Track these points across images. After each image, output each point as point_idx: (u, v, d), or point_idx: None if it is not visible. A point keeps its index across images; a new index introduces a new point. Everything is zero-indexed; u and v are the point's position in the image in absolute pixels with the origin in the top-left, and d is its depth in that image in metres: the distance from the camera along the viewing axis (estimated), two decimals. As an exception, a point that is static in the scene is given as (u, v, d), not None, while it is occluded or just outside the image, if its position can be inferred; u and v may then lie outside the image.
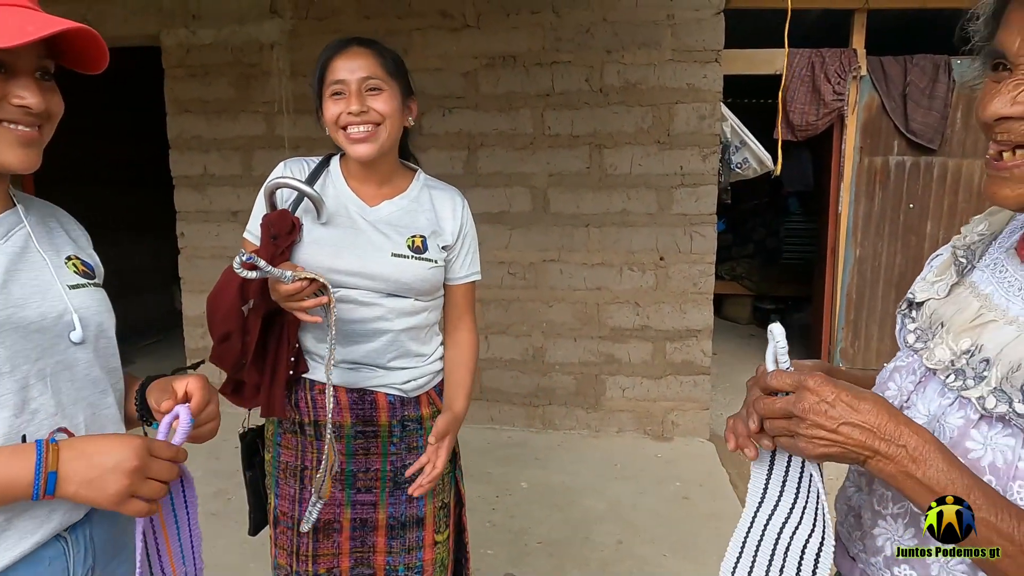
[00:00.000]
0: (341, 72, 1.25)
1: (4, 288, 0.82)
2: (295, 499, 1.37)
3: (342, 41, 1.30)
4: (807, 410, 0.66)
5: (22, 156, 0.82)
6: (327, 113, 1.28)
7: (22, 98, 0.80)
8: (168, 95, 3.63)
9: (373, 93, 1.26)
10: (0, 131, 0.80)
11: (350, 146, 1.28)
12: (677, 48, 3.24)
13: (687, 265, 3.39)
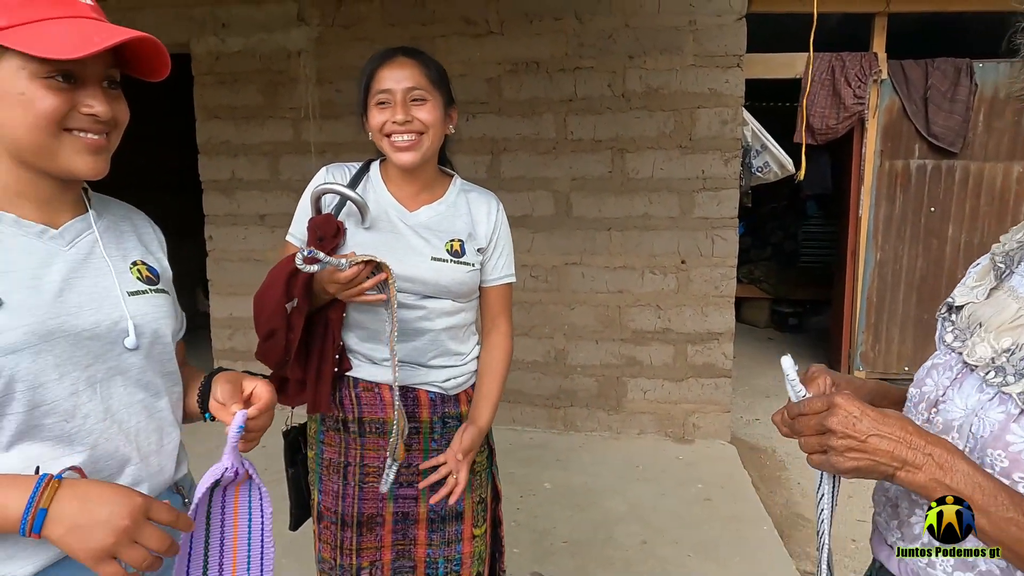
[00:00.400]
0: (387, 82, 1.30)
1: (60, 296, 0.83)
2: (339, 495, 1.42)
3: (388, 51, 1.34)
4: (836, 425, 0.71)
5: (91, 163, 0.85)
6: (372, 121, 1.32)
7: (91, 107, 0.82)
8: (197, 101, 3.71)
9: (417, 103, 1.31)
10: (70, 139, 0.83)
11: (394, 154, 1.32)
12: (699, 53, 3.27)
13: (708, 268, 3.42)
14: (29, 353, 0.78)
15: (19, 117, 0.79)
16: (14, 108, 0.78)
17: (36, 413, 0.80)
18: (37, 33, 0.77)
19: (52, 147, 0.81)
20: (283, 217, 3.71)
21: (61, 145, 0.82)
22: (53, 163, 0.83)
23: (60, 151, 0.82)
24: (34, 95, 0.78)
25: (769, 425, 3.95)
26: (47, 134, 0.80)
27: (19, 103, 0.78)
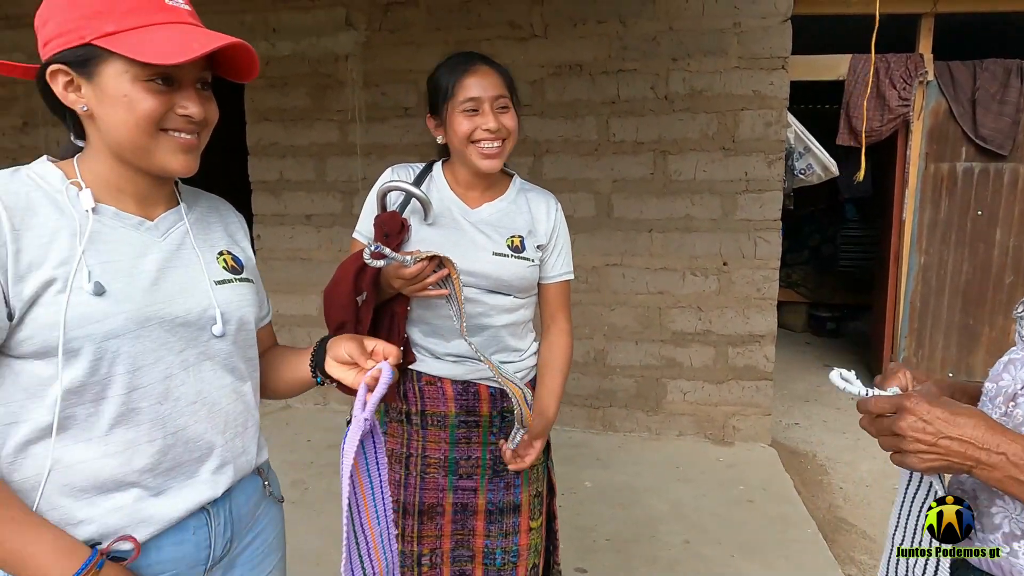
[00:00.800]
0: (474, 90, 1.34)
1: (155, 284, 0.88)
2: (400, 484, 1.47)
3: (466, 58, 1.38)
4: (905, 428, 0.72)
5: (184, 161, 0.89)
6: (459, 128, 1.35)
7: (186, 108, 0.86)
8: (248, 104, 3.82)
9: (503, 111, 1.36)
10: (166, 139, 0.86)
11: (480, 160, 1.37)
12: (743, 55, 3.27)
13: (751, 271, 3.41)
14: (129, 338, 0.83)
15: (121, 117, 0.83)
16: (117, 109, 0.83)
17: (134, 395, 0.85)
18: (141, 39, 0.81)
19: (150, 146, 0.85)
20: (328, 217, 3.81)
21: (158, 145, 0.86)
22: (149, 161, 0.87)
23: (157, 150, 0.86)
24: (136, 97, 0.82)
25: (809, 429, 3.94)
26: (146, 134, 0.84)
27: (122, 104, 0.82)
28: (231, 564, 1.01)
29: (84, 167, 0.89)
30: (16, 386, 0.81)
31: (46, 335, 0.78)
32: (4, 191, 0.80)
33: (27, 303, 0.78)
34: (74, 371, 0.80)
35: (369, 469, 0.99)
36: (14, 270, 0.78)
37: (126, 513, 0.85)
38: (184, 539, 0.92)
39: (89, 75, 0.82)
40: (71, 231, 0.82)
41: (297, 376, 1.09)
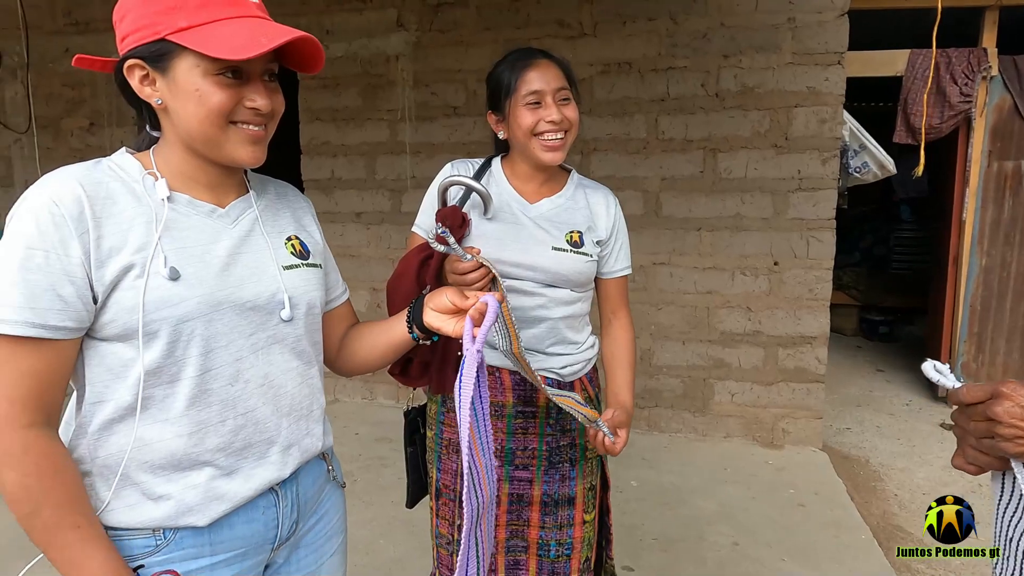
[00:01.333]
0: (537, 83, 1.35)
1: (226, 270, 0.90)
2: (457, 474, 1.49)
3: (525, 53, 1.40)
4: (1001, 413, 0.71)
5: (252, 152, 0.91)
6: (522, 121, 1.36)
7: (254, 101, 0.88)
8: (302, 104, 3.91)
9: (565, 103, 1.37)
10: (235, 131, 0.89)
11: (543, 153, 1.38)
12: (797, 51, 3.21)
13: (803, 271, 3.34)
14: (202, 321, 0.86)
15: (193, 110, 0.85)
16: (189, 103, 0.85)
17: (206, 377, 0.88)
18: (211, 34, 0.83)
19: (219, 138, 0.88)
20: (378, 215, 3.88)
21: (227, 137, 0.88)
22: (219, 152, 0.90)
23: (226, 142, 0.89)
24: (207, 91, 0.84)
25: (861, 434, 3.84)
26: (216, 127, 0.87)
27: (194, 98, 0.85)
28: (296, 544, 1.05)
29: (160, 158, 0.92)
30: (101, 367, 0.85)
31: (127, 318, 0.82)
32: (87, 181, 0.84)
33: (108, 287, 0.82)
34: (152, 353, 0.84)
35: (474, 404, 0.99)
36: (96, 256, 0.81)
37: (200, 491, 0.89)
38: (254, 518, 0.96)
39: (163, 70, 0.85)
40: (148, 219, 0.86)
41: (390, 336, 1.11)
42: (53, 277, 0.79)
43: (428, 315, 1.06)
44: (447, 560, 1.50)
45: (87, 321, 0.83)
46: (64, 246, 0.80)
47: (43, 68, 4.25)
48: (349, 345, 1.16)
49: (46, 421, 0.82)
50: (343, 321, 1.18)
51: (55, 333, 0.80)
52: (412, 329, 1.08)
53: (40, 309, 0.79)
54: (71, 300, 0.80)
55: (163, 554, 0.89)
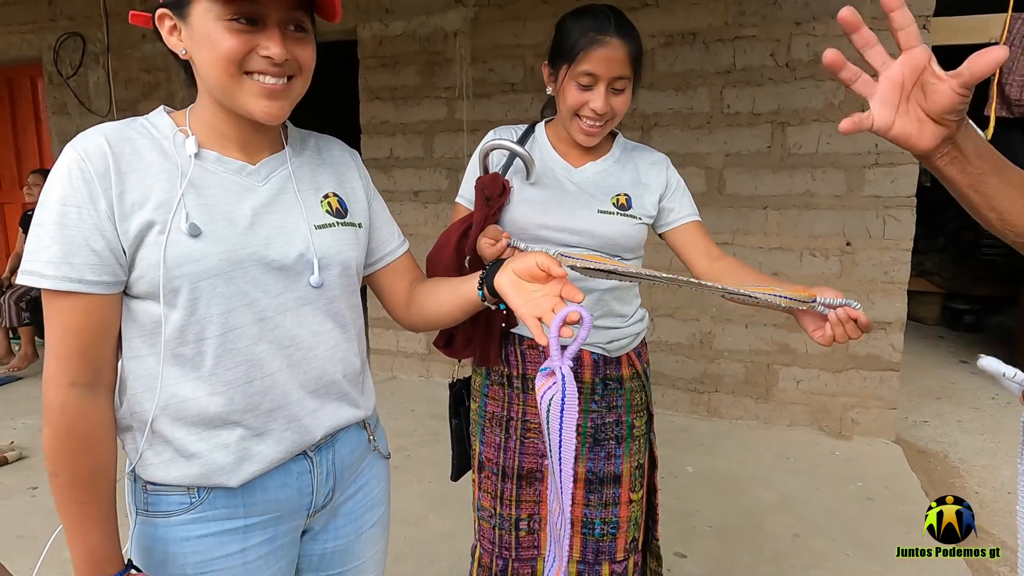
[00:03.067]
0: (598, 65, 1.26)
1: (251, 228, 0.88)
2: (500, 447, 1.46)
3: (601, 22, 1.27)
4: None
5: (266, 107, 0.86)
6: (571, 98, 1.30)
7: (267, 48, 0.83)
8: (362, 84, 3.95)
9: (617, 93, 1.30)
10: (249, 82, 0.85)
11: (579, 134, 1.33)
12: (877, 16, 2.99)
13: (878, 252, 3.14)
14: (223, 279, 0.85)
15: (205, 57, 0.83)
16: (202, 49, 0.83)
17: (229, 336, 0.87)
18: None
19: (232, 88, 0.85)
20: (435, 193, 3.89)
21: (241, 87, 0.85)
22: (234, 104, 0.87)
23: (240, 93, 0.85)
24: (218, 36, 0.82)
25: (940, 428, 3.60)
26: (227, 75, 0.83)
27: (206, 44, 0.83)
28: (333, 512, 1.04)
29: (193, 114, 0.91)
30: (135, 324, 0.86)
31: (152, 275, 0.82)
32: (114, 137, 0.84)
33: (134, 243, 0.82)
34: (177, 310, 0.84)
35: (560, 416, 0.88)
36: (119, 210, 0.82)
37: (231, 451, 0.89)
38: (288, 483, 0.95)
39: (183, 16, 0.84)
40: (172, 175, 0.85)
41: (459, 294, 1.03)
42: (86, 232, 0.80)
43: (502, 277, 0.94)
44: (489, 533, 1.48)
45: (122, 275, 0.84)
46: (93, 201, 0.81)
47: (122, 54, 4.46)
48: (418, 299, 1.11)
49: (92, 380, 0.84)
50: (404, 274, 1.13)
51: (92, 287, 0.81)
52: (481, 287, 1.00)
53: (77, 264, 0.80)
54: (104, 254, 0.81)
55: (197, 511, 0.90)
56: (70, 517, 0.85)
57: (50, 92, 4.84)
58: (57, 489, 0.84)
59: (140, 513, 0.91)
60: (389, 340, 4.17)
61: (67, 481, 0.84)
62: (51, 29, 4.70)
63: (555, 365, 0.84)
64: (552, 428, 0.84)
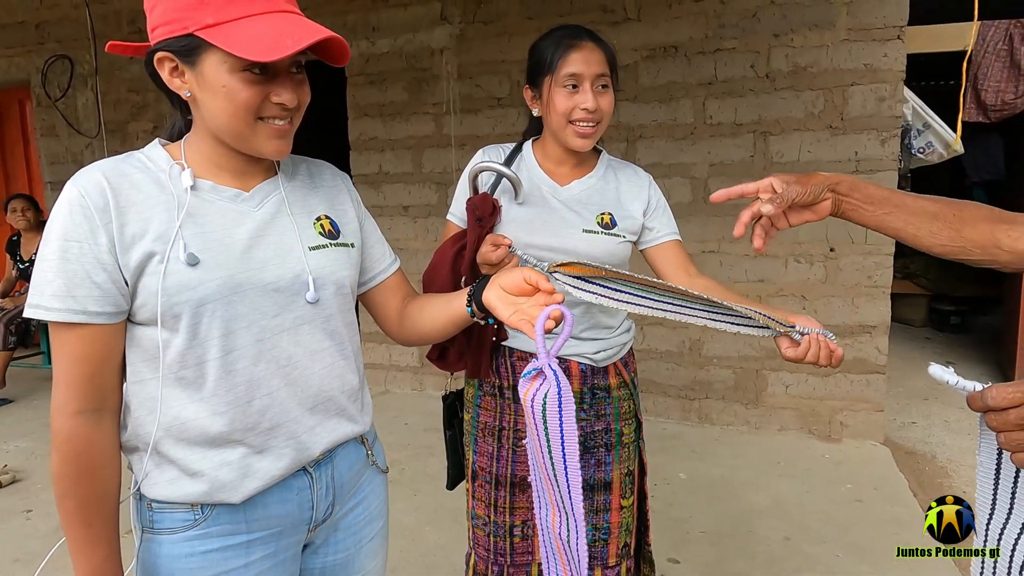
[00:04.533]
0: (578, 65, 1.32)
1: (248, 252, 0.91)
2: (493, 456, 1.49)
3: (572, 31, 1.35)
4: None
5: (277, 146, 0.92)
6: (559, 104, 1.34)
7: (279, 96, 0.88)
8: (350, 101, 4.00)
9: (602, 91, 1.34)
10: (262, 127, 0.90)
11: (575, 139, 1.37)
12: (853, 27, 3.07)
13: (861, 257, 3.20)
14: (222, 303, 0.88)
15: (220, 105, 0.87)
16: (217, 98, 0.87)
17: (229, 358, 0.90)
18: (238, 31, 0.83)
19: (246, 133, 0.90)
20: (425, 208, 3.93)
21: (255, 132, 0.90)
22: (246, 146, 0.92)
23: (253, 137, 0.90)
24: (234, 87, 0.85)
25: (928, 429, 3.65)
26: (244, 123, 0.88)
27: (221, 94, 0.86)
28: (334, 527, 1.06)
29: (189, 146, 0.94)
30: (139, 349, 0.89)
31: (153, 303, 0.86)
32: (111, 173, 0.88)
33: (135, 273, 0.85)
34: (179, 335, 0.87)
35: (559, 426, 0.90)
36: (120, 243, 0.85)
37: (234, 468, 0.92)
38: (288, 498, 0.98)
39: (192, 64, 0.87)
40: (170, 207, 0.88)
41: (450, 310, 1.08)
42: (88, 265, 0.83)
43: (490, 293, 1.00)
44: (484, 540, 1.51)
45: (124, 305, 0.87)
46: (94, 235, 0.84)
47: (111, 75, 4.48)
48: (410, 315, 1.15)
49: (98, 406, 0.87)
50: (396, 291, 1.17)
51: (96, 318, 0.84)
52: (470, 303, 1.05)
53: (80, 297, 0.83)
54: (106, 286, 0.84)
55: (201, 528, 0.92)
56: (77, 538, 0.87)
57: (38, 114, 4.86)
58: (65, 512, 0.87)
59: (145, 530, 0.93)
60: (382, 354, 4.19)
61: (75, 504, 0.87)
62: (39, 52, 4.72)
63: (543, 363, 0.88)
64: (551, 427, 0.87)
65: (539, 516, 1.03)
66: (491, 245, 1.29)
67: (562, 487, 0.92)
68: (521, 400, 0.92)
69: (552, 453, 0.90)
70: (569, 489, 0.91)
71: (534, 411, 0.89)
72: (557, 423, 0.87)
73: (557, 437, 0.88)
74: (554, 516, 0.98)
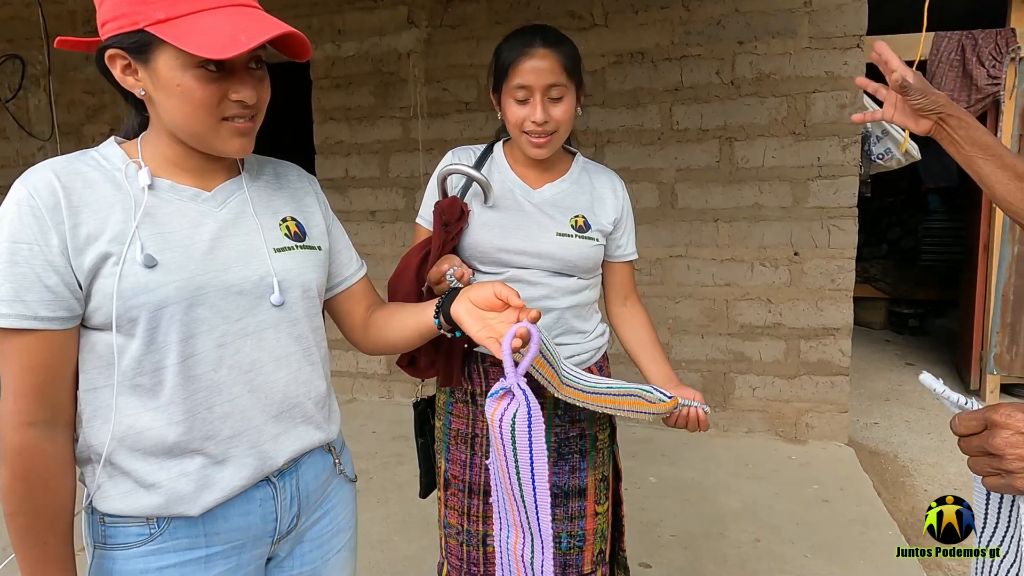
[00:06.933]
0: (528, 77, 1.28)
1: (210, 253, 0.88)
2: (466, 464, 1.46)
3: (527, 37, 1.31)
4: (1001, 446, 0.62)
5: (239, 144, 0.89)
6: (511, 115, 1.33)
7: (238, 92, 0.85)
8: (315, 105, 3.93)
9: (555, 101, 1.31)
10: (223, 127, 0.86)
11: (529, 148, 1.35)
12: (815, 35, 3.14)
13: (824, 260, 3.26)
14: (181, 307, 0.84)
15: (177, 105, 0.83)
16: (172, 97, 0.83)
17: (189, 363, 0.86)
18: (191, 26, 0.79)
19: (206, 134, 0.86)
20: (392, 213, 3.88)
21: (216, 133, 0.86)
22: (205, 145, 0.88)
23: (214, 137, 0.87)
24: (190, 86, 0.81)
25: (890, 429, 3.73)
26: (203, 124, 0.84)
27: (176, 93, 0.82)
28: (299, 538, 1.03)
29: (146, 145, 0.90)
30: (93, 355, 0.84)
31: (109, 306, 0.81)
32: (63, 172, 0.83)
33: (89, 275, 0.81)
34: (134, 340, 0.83)
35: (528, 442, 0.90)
36: (73, 244, 0.80)
37: (192, 479, 0.87)
38: (250, 510, 0.94)
39: (144, 61, 0.82)
40: (127, 207, 0.84)
41: (418, 321, 1.07)
42: (38, 268, 0.79)
43: (459, 306, 0.99)
44: (456, 549, 1.47)
45: (78, 309, 0.82)
46: (44, 237, 0.79)
47: (64, 76, 4.33)
48: (377, 324, 1.12)
49: (50, 418, 0.82)
50: (363, 299, 1.14)
51: (47, 324, 0.80)
52: (438, 315, 1.03)
53: (30, 301, 0.79)
54: (58, 290, 0.80)
55: (157, 543, 0.88)
56: (29, 558, 0.82)
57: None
58: (16, 530, 0.82)
59: (98, 546, 0.89)
60: (349, 361, 4.12)
61: (27, 522, 0.82)
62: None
63: (511, 383, 0.86)
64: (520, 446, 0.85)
65: (499, 537, 1.01)
66: (436, 268, 1.27)
67: (529, 508, 0.90)
68: (489, 421, 0.89)
69: (520, 473, 0.88)
70: (537, 510, 0.90)
71: (502, 431, 0.87)
72: (526, 443, 0.86)
73: (526, 457, 0.87)
74: (516, 537, 0.96)
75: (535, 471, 0.86)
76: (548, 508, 0.88)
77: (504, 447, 0.87)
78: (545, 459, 0.86)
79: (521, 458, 0.86)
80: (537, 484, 0.87)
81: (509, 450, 0.86)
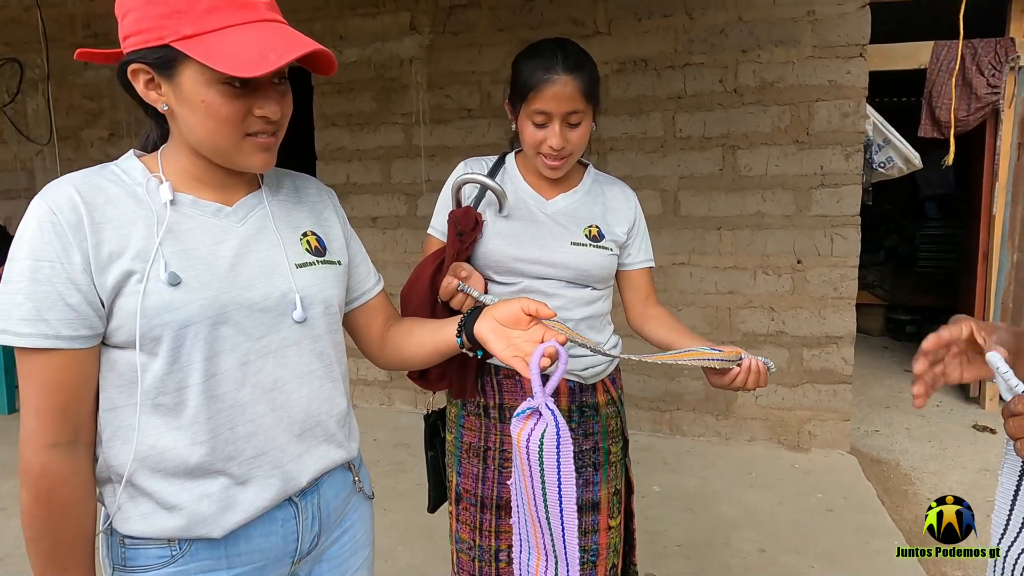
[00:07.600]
0: (548, 103, 1.27)
1: (233, 270, 0.86)
2: (478, 478, 1.45)
3: (548, 60, 1.28)
4: None
5: (263, 159, 0.88)
6: (529, 136, 1.32)
7: (263, 108, 0.84)
8: (317, 110, 3.92)
9: (573, 127, 1.31)
10: (246, 143, 0.85)
11: (544, 168, 1.35)
12: (818, 44, 3.15)
13: (827, 269, 3.26)
14: (205, 325, 0.82)
15: (201, 121, 0.82)
16: (196, 112, 0.82)
17: (212, 382, 0.84)
18: (218, 43, 0.78)
19: (230, 150, 0.85)
20: (394, 219, 3.87)
21: (239, 148, 0.85)
22: (228, 161, 0.87)
23: (237, 153, 0.85)
24: (214, 102, 0.81)
25: (891, 436, 3.74)
26: (227, 140, 0.83)
27: (200, 109, 0.81)
28: (318, 558, 1.01)
29: (166, 159, 0.89)
30: (114, 373, 0.83)
31: (132, 324, 0.80)
32: (84, 187, 0.81)
33: (112, 293, 0.79)
34: (158, 359, 0.81)
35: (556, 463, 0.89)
36: (96, 261, 0.79)
37: (214, 500, 0.86)
38: (272, 531, 0.92)
39: (168, 76, 0.81)
40: (149, 223, 0.83)
41: (438, 339, 1.05)
42: (60, 287, 0.77)
43: (483, 324, 0.97)
44: (468, 565, 1.46)
45: (100, 327, 0.81)
46: (67, 254, 0.78)
47: (63, 80, 4.31)
48: (395, 340, 1.11)
49: (72, 438, 0.81)
50: (380, 313, 1.13)
51: (70, 343, 0.78)
52: (460, 334, 1.02)
53: (52, 320, 0.77)
54: (80, 308, 0.78)
55: (178, 565, 0.86)
56: None
57: (-16, 120, 4.63)
58: (39, 555, 0.80)
59: (117, 568, 0.87)
60: (349, 368, 4.08)
61: (49, 547, 0.80)
62: (-15, 55, 4.51)
63: (539, 402, 0.85)
64: (548, 467, 0.84)
65: (519, 560, 0.99)
66: (450, 275, 1.26)
67: (555, 531, 0.89)
68: (514, 442, 0.88)
69: (548, 496, 0.86)
70: (564, 532, 0.88)
71: (529, 452, 0.85)
72: (554, 464, 0.84)
73: (554, 479, 0.85)
74: (539, 560, 0.95)
75: (563, 493, 0.85)
76: (575, 531, 0.86)
77: (531, 468, 0.85)
78: (573, 481, 0.84)
79: (548, 480, 0.85)
80: (565, 506, 0.85)
81: (536, 471, 0.85)
